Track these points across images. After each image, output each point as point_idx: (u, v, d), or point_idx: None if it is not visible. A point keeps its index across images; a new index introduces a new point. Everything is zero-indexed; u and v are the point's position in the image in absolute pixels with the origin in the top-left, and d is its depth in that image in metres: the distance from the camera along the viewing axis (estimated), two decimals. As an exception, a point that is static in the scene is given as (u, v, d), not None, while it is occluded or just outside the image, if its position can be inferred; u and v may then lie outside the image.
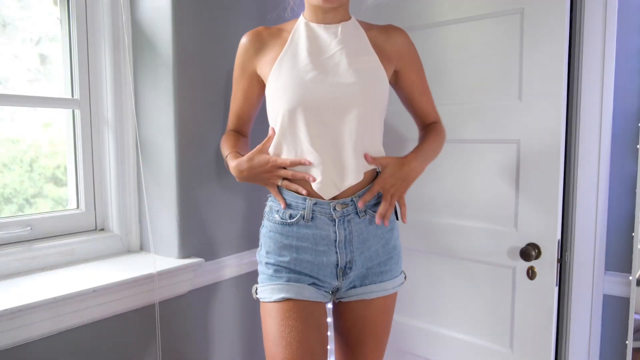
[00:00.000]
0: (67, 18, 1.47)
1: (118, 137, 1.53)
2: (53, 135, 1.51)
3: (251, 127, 1.38)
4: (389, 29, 1.26)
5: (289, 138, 1.16)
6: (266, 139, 1.18)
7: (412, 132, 1.68)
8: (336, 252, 1.17)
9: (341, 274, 1.19)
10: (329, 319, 1.43)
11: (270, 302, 1.17)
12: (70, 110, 1.49)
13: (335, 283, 1.20)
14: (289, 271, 1.18)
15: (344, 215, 1.17)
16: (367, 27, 1.26)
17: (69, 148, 1.50)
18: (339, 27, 1.19)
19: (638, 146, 1.41)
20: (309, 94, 1.12)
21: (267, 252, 1.21)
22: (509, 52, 1.46)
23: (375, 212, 1.20)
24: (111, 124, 1.52)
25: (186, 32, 1.47)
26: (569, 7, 1.36)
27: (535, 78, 1.41)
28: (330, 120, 1.13)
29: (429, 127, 1.33)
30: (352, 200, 1.17)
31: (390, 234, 1.23)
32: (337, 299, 1.26)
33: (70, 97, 1.49)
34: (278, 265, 1.19)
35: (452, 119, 1.58)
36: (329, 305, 1.34)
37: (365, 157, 1.17)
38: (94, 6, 1.49)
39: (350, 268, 1.19)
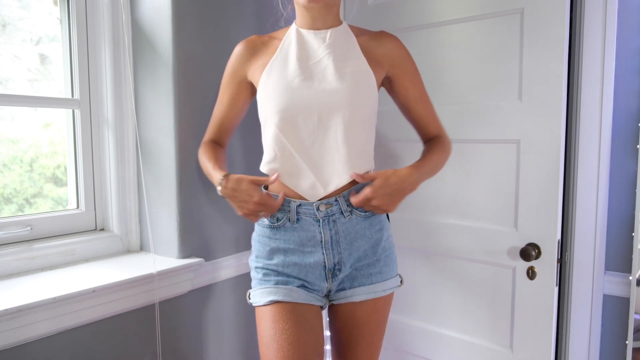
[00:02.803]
0: (67, 18, 1.47)
1: (118, 137, 1.53)
2: (53, 135, 1.51)
3: (229, 139, 1.38)
4: (381, 35, 1.26)
5: (276, 142, 1.17)
6: (264, 179, 1.14)
7: (412, 132, 1.68)
8: (323, 253, 1.18)
9: (330, 276, 1.19)
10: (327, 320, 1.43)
11: (260, 305, 1.18)
12: (70, 110, 1.49)
13: (325, 285, 1.20)
14: (277, 274, 1.19)
15: (329, 216, 1.17)
16: (359, 32, 1.26)
17: (69, 148, 1.51)
18: (328, 33, 1.20)
19: (638, 146, 1.41)
20: (295, 98, 1.14)
21: (257, 257, 1.23)
22: (509, 52, 1.46)
23: (361, 212, 1.20)
24: (111, 124, 1.53)
25: (186, 32, 1.47)
26: (569, 7, 1.36)
27: (535, 78, 1.41)
28: (317, 124, 1.15)
29: (434, 141, 1.30)
30: (336, 200, 1.17)
31: (380, 235, 1.22)
32: (329, 302, 1.26)
33: (70, 97, 1.49)
34: (266, 269, 1.20)
35: (452, 119, 1.58)
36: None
37: (352, 175, 1.15)
38: (94, 6, 1.49)
39: (340, 269, 1.19)
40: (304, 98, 1.14)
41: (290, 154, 1.16)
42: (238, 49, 1.27)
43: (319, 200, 1.17)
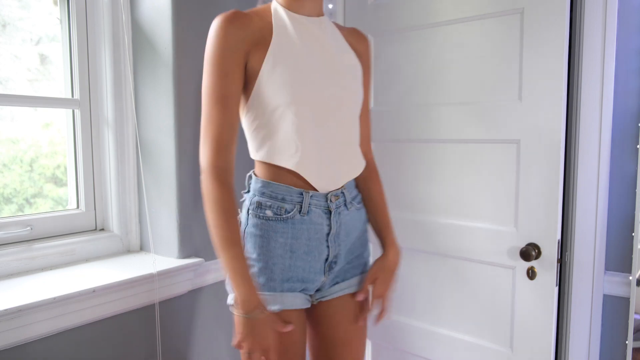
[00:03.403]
0: (67, 18, 1.47)
1: (118, 137, 1.53)
2: (53, 135, 1.51)
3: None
4: (357, 32, 1.26)
5: (297, 133, 1.07)
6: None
7: (411, 132, 1.69)
8: (327, 246, 1.14)
9: (327, 269, 1.16)
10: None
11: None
12: (70, 110, 1.49)
13: (322, 279, 1.16)
14: (283, 278, 1.10)
15: (337, 207, 1.15)
16: (337, 26, 1.23)
17: (69, 148, 1.51)
18: (321, 21, 1.14)
19: (638, 146, 1.41)
20: (312, 88, 1.08)
21: (258, 255, 1.10)
22: (509, 52, 1.46)
23: (357, 204, 1.21)
24: (111, 124, 1.53)
25: (186, 32, 1.47)
26: (569, 7, 1.36)
27: (535, 78, 1.41)
28: (328, 117, 1.11)
29: (374, 180, 1.28)
30: (342, 193, 1.15)
31: (365, 226, 1.24)
32: (316, 299, 1.20)
33: (70, 97, 1.49)
34: (269, 269, 1.09)
35: (452, 119, 1.58)
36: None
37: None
38: (94, 6, 1.49)
39: (336, 262, 1.17)
40: (320, 88, 1.09)
41: (312, 145, 1.09)
42: (229, 22, 1.03)
43: (330, 192, 1.13)
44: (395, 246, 1.26)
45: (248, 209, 1.13)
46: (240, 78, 1.05)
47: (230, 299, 1.10)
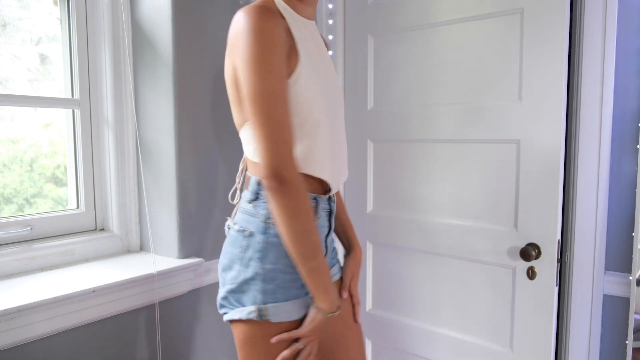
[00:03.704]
0: (67, 18, 1.47)
1: (118, 137, 1.53)
2: (53, 135, 1.51)
3: None
4: (322, 36, 1.28)
5: (330, 141, 1.07)
6: None
7: (411, 132, 1.69)
8: (326, 246, 1.16)
9: None
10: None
11: (290, 321, 1.03)
12: (70, 110, 1.49)
13: None
14: (302, 283, 1.05)
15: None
16: None
17: (69, 148, 1.51)
18: (315, 25, 1.15)
19: (638, 146, 1.41)
20: (330, 97, 1.10)
21: (285, 265, 1.03)
22: (509, 52, 1.46)
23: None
24: (111, 124, 1.53)
25: (186, 32, 1.47)
26: (569, 7, 1.36)
27: (535, 78, 1.41)
28: (336, 123, 1.14)
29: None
30: (333, 194, 1.19)
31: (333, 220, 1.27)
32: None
33: (70, 97, 1.49)
34: (297, 279, 1.04)
35: (452, 119, 1.58)
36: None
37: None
38: (94, 6, 1.49)
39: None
40: (335, 97, 1.13)
41: (330, 153, 1.09)
42: (271, 18, 0.93)
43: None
44: (359, 243, 1.31)
45: (265, 218, 1.04)
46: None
47: (245, 314, 1.02)
